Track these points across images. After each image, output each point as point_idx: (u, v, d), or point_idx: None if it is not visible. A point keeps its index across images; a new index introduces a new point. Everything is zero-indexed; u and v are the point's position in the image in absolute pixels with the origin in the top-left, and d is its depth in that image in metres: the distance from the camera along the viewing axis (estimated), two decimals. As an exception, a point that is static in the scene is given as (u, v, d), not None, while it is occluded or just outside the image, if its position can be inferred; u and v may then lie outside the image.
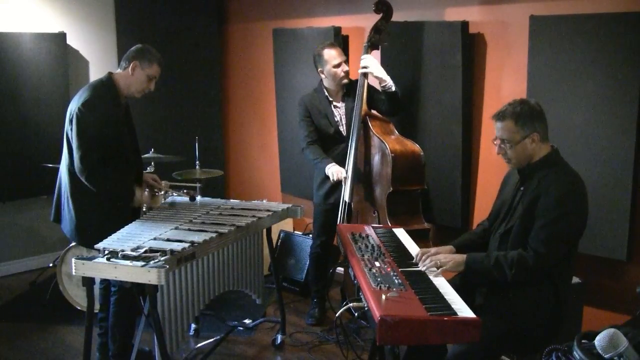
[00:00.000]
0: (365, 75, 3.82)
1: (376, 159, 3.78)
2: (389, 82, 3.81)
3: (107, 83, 3.22)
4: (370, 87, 3.92)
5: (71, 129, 3.12)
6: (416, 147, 3.75)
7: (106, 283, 3.35)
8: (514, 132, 2.58)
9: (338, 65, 3.87)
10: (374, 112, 3.97)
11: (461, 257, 2.66)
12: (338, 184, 3.91)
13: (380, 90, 3.87)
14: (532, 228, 2.57)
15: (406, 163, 3.68)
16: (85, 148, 3.07)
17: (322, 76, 3.97)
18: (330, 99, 3.99)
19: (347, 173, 3.82)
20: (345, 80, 3.94)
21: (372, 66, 3.78)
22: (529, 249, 2.55)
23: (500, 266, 2.56)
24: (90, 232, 3.11)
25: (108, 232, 2.93)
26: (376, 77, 3.80)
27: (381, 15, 3.80)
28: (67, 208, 3.26)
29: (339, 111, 4.00)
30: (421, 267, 2.66)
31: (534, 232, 2.56)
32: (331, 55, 3.87)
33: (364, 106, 3.83)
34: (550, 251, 2.52)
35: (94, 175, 3.10)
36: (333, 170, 3.88)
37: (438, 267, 2.64)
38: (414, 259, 2.77)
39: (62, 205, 3.31)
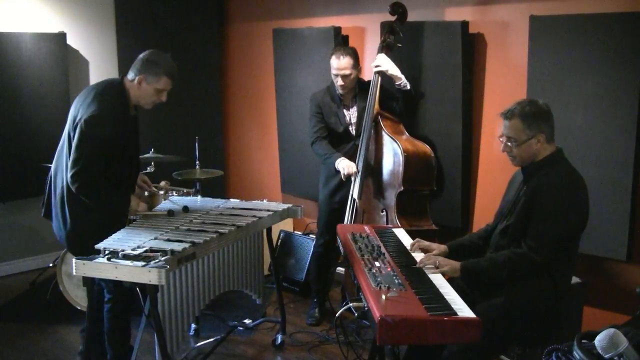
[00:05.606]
0: (378, 73, 3.81)
1: (387, 157, 3.77)
2: (404, 80, 3.80)
3: (119, 90, 3.05)
4: (383, 88, 3.87)
5: (74, 136, 2.95)
6: (427, 149, 3.75)
7: (98, 292, 3.14)
8: (521, 131, 2.60)
9: (336, 76, 3.88)
10: (385, 112, 3.95)
11: (457, 264, 2.66)
12: (346, 181, 3.86)
13: (395, 89, 3.87)
14: (529, 224, 2.58)
15: (417, 163, 3.68)
16: (84, 162, 2.91)
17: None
18: (342, 98, 3.98)
19: (357, 169, 3.80)
20: (340, 91, 3.92)
21: (385, 64, 3.77)
22: (524, 245, 2.57)
23: (494, 266, 2.59)
24: (82, 242, 2.95)
25: (99, 241, 2.78)
26: (390, 76, 3.79)
27: (396, 17, 3.80)
28: (61, 212, 3.08)
29: (350, 111, 3.98)
30: (419, 264, 2.67)
31: (529, 228, 2.58)
32: (332, 65, 3.86)
33: (376, 105, 3.82)
34: (544, 247, 2.53)
35: (87, 190, 2.96)
36: (343, 165, 3.81)
37: (437, 267, 2.65)
38: (409, 248, 2.87)
39: (52, 204, 3.15)
